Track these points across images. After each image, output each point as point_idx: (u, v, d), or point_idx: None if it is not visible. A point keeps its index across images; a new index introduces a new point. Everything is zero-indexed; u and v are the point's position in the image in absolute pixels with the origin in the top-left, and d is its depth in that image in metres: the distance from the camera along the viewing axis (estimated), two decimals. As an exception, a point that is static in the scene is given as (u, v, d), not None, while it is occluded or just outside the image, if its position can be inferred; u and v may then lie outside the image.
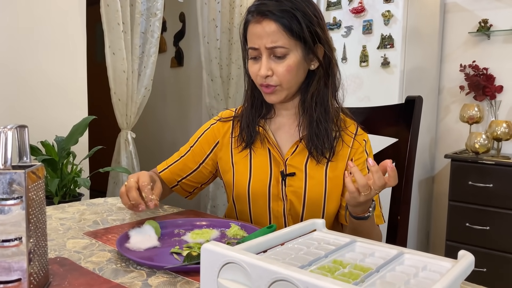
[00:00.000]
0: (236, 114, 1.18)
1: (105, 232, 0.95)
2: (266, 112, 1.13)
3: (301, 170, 1.07)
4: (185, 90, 3.89)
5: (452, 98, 2.82)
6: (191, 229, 0.97)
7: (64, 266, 0.75)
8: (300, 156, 1.08)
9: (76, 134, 2.18)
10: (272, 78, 1.01)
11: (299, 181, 1.07)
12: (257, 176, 1.10)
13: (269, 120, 1.14)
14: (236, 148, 1.13)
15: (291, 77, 1.01)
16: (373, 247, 0.72)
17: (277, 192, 1.08)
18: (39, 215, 0.64)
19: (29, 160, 0.66)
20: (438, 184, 2.90)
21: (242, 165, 1.12)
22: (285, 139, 1.12)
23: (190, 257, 0.77)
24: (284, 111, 1.13)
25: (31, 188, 0.61)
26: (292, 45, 0.99)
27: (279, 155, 1.08)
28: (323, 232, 0.80)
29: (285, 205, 1.08)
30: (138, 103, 2.75)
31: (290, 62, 1.00)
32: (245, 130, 1.11)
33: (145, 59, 2.78)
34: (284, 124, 1.13)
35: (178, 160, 1.19)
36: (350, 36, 2.51)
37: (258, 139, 1.11)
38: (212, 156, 1.17)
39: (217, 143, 1.16)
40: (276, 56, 1.00)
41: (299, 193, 1.07)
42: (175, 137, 3.97)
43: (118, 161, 2.75)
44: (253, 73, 1.04)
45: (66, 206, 1.17)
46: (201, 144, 1.18)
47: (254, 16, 1.00)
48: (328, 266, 0.63)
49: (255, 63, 1.03)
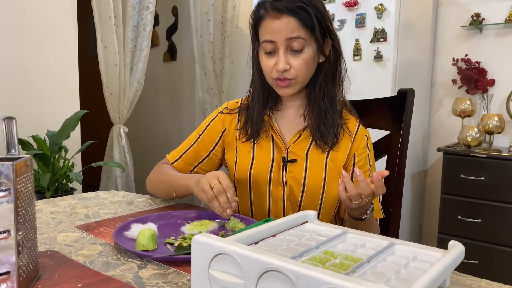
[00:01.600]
0: (242, 103, 1.19)
1: (96, 225, 0.95)
2: (272, 105, 1.16)
3: (302, 158, 1.10)
4: (178, 84, 3.87)
5: (444, 92, 2.83)
6: (190, 221, 0.97)
7: (54, 259, 0.74)
8: (303, 144, 1.11)
9: (68, 129, 2.16)
10: (290, 72, 1.04)
11: (300, 168, 1.09)
12: (259, 161, 1.12)
13: (276, 111, 1.16)
14: (240, 139, 1.15)
15: (307, 70, 1.05)
16: (364, 238, 0.72)
17: (277, 178, 1.10)
18: (28, 208, 0.64)
19: (17, 152, 0.65)
20: (430, 177, 2.91)
21: (246, 150, 1.14)
22: (288, 127, 1.14)
23: (180, 248, 0.77)
24: (291, 102, 1.15)
25: (19, 180, 0.60)
26: (309, 38, 1.02)
27: (282, 142, 1.11)
28: (314, 223, 0.80)
29: (284, 190, 1.10)
30: (131, 97, 2.74)
31: (307, 56, 1.03)
32: (250, 124, 1.13)
33: (137, 53, 2.76)
34: (289, 114, 1.16)
35: (189, 149, 1.19)
36: (343, 30, 2.50)
37: (263, 130, 1.13)
38: (221, 143, 1.19)
39: (225, 129, 1.18)
40: (293, 50, 1.02)
41: (299, 179, 1.09)
42: (168, 132, 3.96)
43: (110, 156, 2.73)
44: (268, 67, 1.05)
45: (57, 200, 1.17)
46: (210, 131, 1.19)
47: (270, 12, 1.02)
48: (319, 257, 0.63)
49: (270, 57, 1.05)
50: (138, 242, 0.79)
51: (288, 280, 0.51)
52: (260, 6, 1.04)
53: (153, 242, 0.80)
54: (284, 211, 1.10)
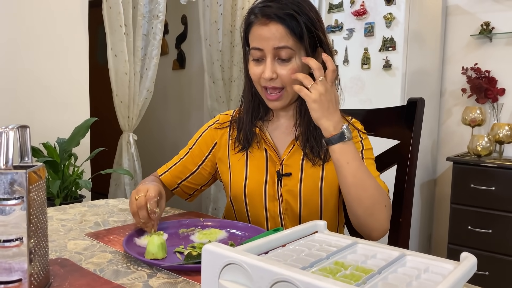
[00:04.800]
0: (234, 115, 1.18)
1: (106, 233, 0.95)
2: (264, 114, 1.13)
3: (297, 170, 1.07)
4: (187, 93, 3.89)
5: (454, 101, 2.81)
6: (200, 229, 0.98)
7: (65, 267, 0.75)
8: (296, 156, 1.08)
9: (78, 136, 2.18)
10: (277, 81, 1.01)
11: (295, 180, 1.07)
12: (253, 177, 1.10)
13: (267, 122, 1.14)
14: (233, 149, 1.13)
15: (295, 80, 1.01)
16: (375, 249, 0.71)
17: (273, 192, 1.08)
18: (40, 216, 0.64)
19: (30, 160, 0.66)
20: (440, 187, 2.89)
21: (239, 165, 1.12)
22: (281, 139, 1.12)
23: (190, 257, 0.77)
24: (283, 113, 1.13)
25: (32, 188, 0.61)
26: (297, 48, 0.99)
27: (276, 155, 1.08)
28: (324, 233, 0.79)
29: (280, 205, 1.08)
30: (140, 105, 2.76)
31: (295, 66, 1.00)
32: (242, 133, 1.12)
33: (147, 61, 2.78)
34: (281, 125, 1.13)
35: (178, 162, 1.19)
36: (352, 39, 2.51)
37: (255, 140, 1.11)
38: (211, 157, 1.17)
39: (215, 144, 1.17)
40: (281, 59, 1.00)
41: (295, 191, 1.06)
42: (176, 140, 3.97)
43: (119, 163, 2.75)
44: (255, 74, 1.04)
45: (67, 208, 1.17)
46: (200, 146, 1.18)
47: (259, 18, 1.00)
48: (330, 267, 0.63)
49: (257, 65, 1.03)
50: (148, 251, 0.79)
51: (299, 291, 0.51)
52: (251, 12, 1.02)
53: (163, 250, 0.80)
54: (283, 226, 1.09)
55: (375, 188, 0.96)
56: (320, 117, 0.92)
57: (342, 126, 0.94)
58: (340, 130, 0.93)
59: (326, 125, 0.93)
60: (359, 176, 0.94)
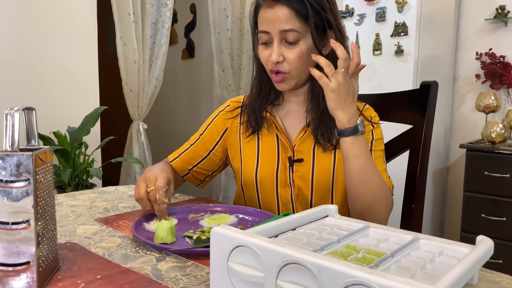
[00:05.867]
0: (245, 100, 1.17)
1: (115, 219, 0.95)
2: (274, 99, 1.12)
3: (308, 155, 1.06)
4: (196, 82, 3.88)
5: (467, 87, 2.76)
6: (209, 214, 0.97)
7: (73, 251, 0.75)
8: (308, 141, 1.07)
9: (88, 125, 2.19)
10: (283, 64, 1.00)
11: (307, 166, 1.05)
12: (264, 163, 1.09)
13: (277, 106, 1.12)
14: (243, 133, 1.12)
15: (301, 63, 1.00)
16: (387, 233, 0.70)
17: (284, 178, 1.07)
18: (48, 199, 0.64)
19: (37, 143, 0.65)
20: (452, 174, 2.85)
21: (250, 151, 1.11)
22: (293, 125, 1.10)
23: (199, 241, 0.76)
24: (293, 98, 1.11)
25: (39, 170, 0.60)
26: (304, 30, 0.97)
27: (287, 141, 1.07)
28: (335, 218, 0.78)
29: (292, 191, 1.07)
30: (150, 94, 2.75)
31: (302, 49, 0.98)
32: (252, 116, 1.10)
33: (156, 49, 2.77)
34: (292, 110, 1.11)
35: (189, 148, 1.18)
36: (363, 24, 2.46)
37: (265, 125, 1.10)
38: (222, 143, 1.16)
39: (226, 129, 1.15)
40: (288, 42, 0.98)
41: (307, 178, 1.05)
42: (186, 128, 3.97)
43: (130, 152, 2.76)
44: (263, 58, 1.03)
45: (77, 194, 1.17)
46: (210, 131, 1.17)
47: (266, 0, 0.98)
48: (341, 251, 0.61)
49: (265, 48, 1.02)
50: (157, 235, 0.78)
51: (309, 273, 0.50)
52: None
53: (172, 235, 0.79)
54: (294, 212, 1.08)
55: (379, 185, 0.96)
56: (336, 108, 0.91)
57: (357, 120, 0.92)
58: (354, 124, 0.91)
59: (340, 117, 0.91)
60: (365, 171, 0.93)
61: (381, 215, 0.99)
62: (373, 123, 1.05)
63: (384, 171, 1.04)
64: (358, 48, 0.91)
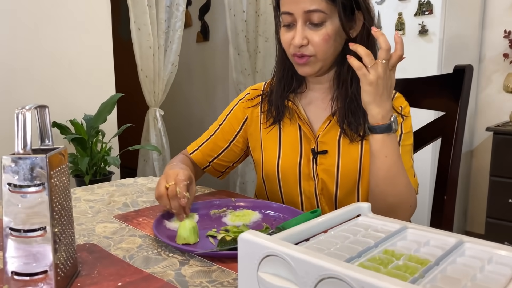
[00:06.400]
0: (265, 88, 1.11)
1: (135, 215, 0.91)
2: (297, 86, 1.06)
3: (333, 147, 1.00)
4: (211, 66, 3.82)
5: (494, 67, 2.64)
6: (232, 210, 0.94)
7: (93, 253, 0.71)
8: (333, 132, 1.00)
9: (104, 112, 2.16)
10: (307, 48, 0.94)
11: (331, 159, 1.00)
12: (286, 155, 1.03)
13: (300, 94, 1.06)
14: (264, 123, 1.07)
15: (327, 47, 0.93)
16: (427, 235, 0.64)
17: (308, 171, 1.02)
18: (64, 202, 0.60)
19: (51, 142, 0.61)
20: (477, 158, 2.76)
21: (271, 142, 1.06)
22: (316, 114, 1.04)
23: (223, 242, 0.72)
24: (317, 85, 1.05)
25: (54, 173, 0.56)
26: (331, 11, 0.91)
27: (310, 132, 1.01)
28: (368, 217, 0.73)
29: (316, 185, 1.01)
30: (165, 79, 2.71)
31: (328, 30, 0.92)
32: (273, 105, 1.05)
33: (171, 34, 2.72)
34: (316, 99, 1.05)
35: (208, 139, 1.13)
36: (385, 3, 2.36)
37: (287, 114, 1.04)
38: (242, 133, 1.11)
39: (246, 118, 1.10)
40: (313, 24, 0.92)
41: (331, 171, 1.00)
42: (203, 114, 3.93)
43: (147, 139, 2.73)
44: (285, 41, 0.96)
45: (95, 187, 1.14)
46: (230, 121, 1.12)
47: None
48: (380, 257, 0.56)
49: (288, 31, 0.95)
50: (179, 235, 0.75)
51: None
52: None
53: (195, 235, 0.75)
54: (319, 207, 1.02)
55: (405, 187, 0.90)
56: (371, 102, 0.84)
57: (391, 117, 0.86)
58: (388, 121, 0.85)
59: (375, 112, 0.85)
60: (393, 172, 0.88)
61: (403, 217, 0.93)
62: (403, 115, 0.99)
63: (411, 168, 0.98)
64: (402, 39, 0.83)
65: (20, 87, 2.08)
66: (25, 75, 2.10)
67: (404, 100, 1.02)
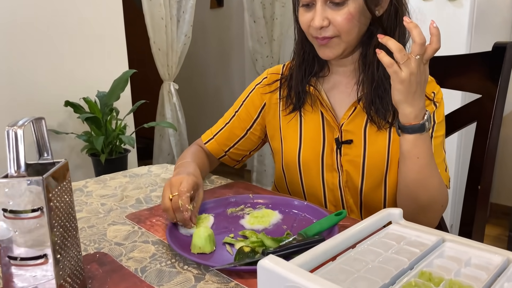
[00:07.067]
0: (284, 71, 1.03)
1: (148, 215, 0.87)
2: (318, 70, 0.97)
3: (359, 136, 0.92)
4: (226, 33, 3.69)
5: (528, 31, 2.47)
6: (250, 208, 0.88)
7: (103, 265, 0.67)
8: (359, 119, 0.92)
9: (118, 90, 2.10)
10: (329, 29, 0.85)
11: (357, 149, 0.92)
12: (308, 144, 0.96)
13: (322, 78, 0.98)
14: (283, 110, 1.00)
15: (351, 27, 0.84)
16: (467, 250, 0.58)
17: (331, 162, 0.95)
18: (67, 222, 0.55)
19: (50, 156, 0.56)
20: (506, 126, 2.62)
21: (292, 130, 0.99)
22: (340, 100, 0.96)
23: (241, 254, 0.67)
24: (340, 68, 0.96)
25: (53, 195, 0.51)
26: None
27: (334, 120, 0.94)
28: (401, 225, 0.66)
29: (340, 177, 0.94)
30: (179, 52, 2.62)
31: (351, 9, 0.83)
32: (294, 90, 0.97)
33: (183, 3, 2.60)
34: (340, 83, 0.97)
35: (224, 127, 1.07)
36: (411, -35, 2.19)
37: (308, 101, 0.96)
38: (260, 121, 1.04)
39: (264, 105, 1.03)
40: (334, 3, 0.83)
41: (357, 162, 0.92)
42: (218, 85, 3.84)
43: (162, 114, 2.68)
44: (304, 23, 0.88)
45: (108, 179, 1.10)
46: (247, 108, 1.05)
47: None
48: (416, 282, 0.50)
49: (307, 11, 0.87)
50: (194, 244, 0.70)
51: None
52: None
53: (211, 243, 0.70)
54: (343, 200, 0.96)
55: (437, 188, 0.83)
56: (403, 101, 0.76)
57: (425, 116, 0.78)
58: (421, 121, 0.77)
59: (407, 112, 0.77)
60: (425, 173, 0.81)
61: (434, 218, 0.88)
62: (435, 102, 0.90)
63: (443, 162, 0.90)
64: (439, 31, 0.73)
65: (30, 67, 2.03)
66: (34, 53, 2.04)
67: (436, 84, 0.93)
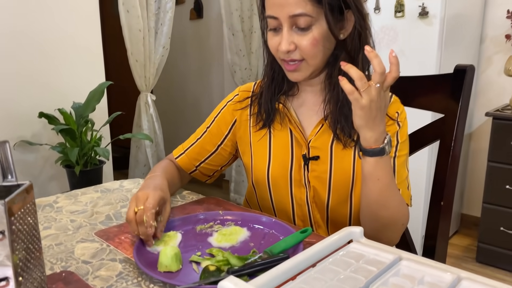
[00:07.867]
0: (255, 88, 1.05)
1: (117, 232, 0.87)
2: (288, 89, 1.00)
3: (326, 153, 0.95)
4: (205, 45, 3.71)
5: (495, 48, 2.56)
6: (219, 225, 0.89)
7: (69, 284, 0.67)
8: (325, 136, 0.95)
9: (93, 101, 2.10)
10: (296, 52, 0.88)
11: (324, 165, 0.95)
12: (277, 160, 0.99)
13: (292, 96, 1.01)
14: (254, 126, 1.02)
15: (317, 51, 0.87)
16: (422, 269, 0.60)
17: (299, 178, 0.97)
18: (30, 244, 0.55)
19: (14, 178, 0.56)
20: (475, 141, 2.71)
21: (261, 147, 1.01)
22: (308, 117, 0.99)
23: (206, 272, 0.68)
24: (308, 87, 0.99)
25: (16, 218, 0.52)
26: (318, 13, 0.84)
27: (302, 136, 0.96)
28: (361, 243, 0.69)
29: (308, 192, 0.97)
30: (157, 63, 2.63)
31: (316, 34, 0.86)
32: (263, 108, 0.99)
33: (161, 15, 2.62)
34: (308, 101, 1.00)
35: (195, 143, 1.08)
36: (384, -17, 2.26)
37: (278, 118, 0.99)
38: (231, 137, 1.06)
39: (235, 121, 1.05)
40: (299, 28, 0.86)
41: (324, 178, 0.95)
42: (197, 96, 3.85)
43: (139, 125, 2.68)
44: (273, 47, 0.91)
45: (79, 194, 1.10)
46: (218, 124, 1.07)
47: None
48: (370, 301, 0.53)
49: (275, 35, 0.89)
50: (161, 262, 0.71)
51: None
52: None
53: (177, 262, 0.71)
54: (310, 215, 0.98)
55: (397, 207, 0.86)
56: (364, 126, 0.79)
57: (385, 140, 0.80)
58: (381, 145, 0.80)
59: (367, 136, 0.79)
60: (385, 194, 0.84)
61: (394, 236, 0.91)
62: (398, 122, 0.93)
63: (405, 180, 0.94)
64: (397, 59, 0.76)
65: (4, 77, 2.01)
66: (9, 63, 2.02)
67: (400, 104, 0.97)
